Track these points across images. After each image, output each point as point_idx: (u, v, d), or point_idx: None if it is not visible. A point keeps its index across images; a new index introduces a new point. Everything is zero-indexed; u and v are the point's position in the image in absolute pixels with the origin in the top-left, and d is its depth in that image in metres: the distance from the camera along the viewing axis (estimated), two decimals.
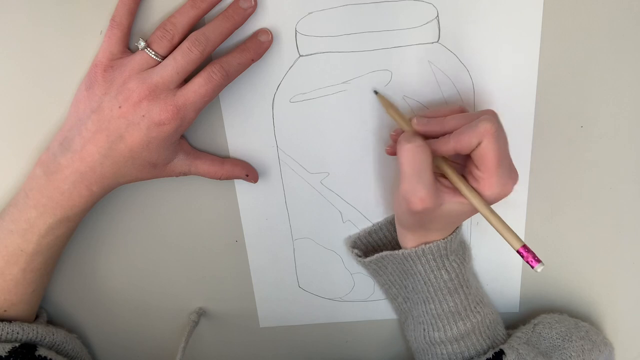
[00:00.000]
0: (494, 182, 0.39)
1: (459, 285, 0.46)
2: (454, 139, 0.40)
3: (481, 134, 0.38)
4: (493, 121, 0.38)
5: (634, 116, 0.46)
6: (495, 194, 0.40)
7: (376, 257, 0.48)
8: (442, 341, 0.47)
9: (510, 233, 0.40)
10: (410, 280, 0.48)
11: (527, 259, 0.39)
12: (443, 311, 0.46)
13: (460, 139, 0.39)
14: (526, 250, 0.39)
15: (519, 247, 0.39)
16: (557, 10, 0.42)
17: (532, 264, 0.39)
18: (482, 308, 0.47)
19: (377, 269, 0.50)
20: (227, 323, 0.56)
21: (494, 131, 0.38)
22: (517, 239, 0.40)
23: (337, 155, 0.48)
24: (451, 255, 0.46)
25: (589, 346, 0.48)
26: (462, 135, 0.39)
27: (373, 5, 0.42)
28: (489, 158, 0.39)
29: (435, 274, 0.46)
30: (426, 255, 0.45)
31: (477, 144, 0.39)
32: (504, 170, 0.40)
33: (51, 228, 0.45)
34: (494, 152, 0.38)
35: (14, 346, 0.45)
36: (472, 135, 0.39)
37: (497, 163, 0.39)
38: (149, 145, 0.42)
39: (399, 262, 0.47)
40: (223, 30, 0.41)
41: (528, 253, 0.39)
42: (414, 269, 0.47)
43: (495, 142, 0.38)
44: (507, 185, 0.40)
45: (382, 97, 0.44)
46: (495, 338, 0.48)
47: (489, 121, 0.38)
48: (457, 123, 0.41)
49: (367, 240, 0.51)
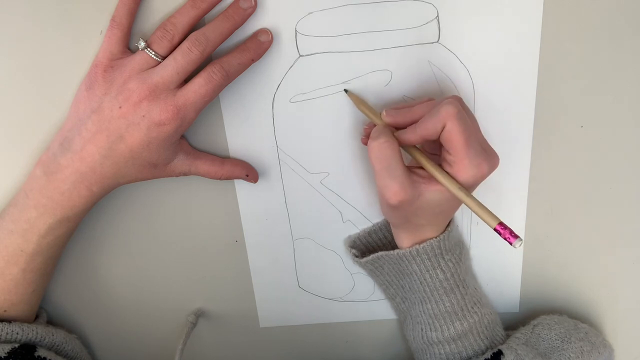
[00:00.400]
0: (466, 163, 0.40)
1: (455, 285, 0.46)
2: (419, 126, 0.40)
3: (443, 117, 0.39)
4: (454, 104, 0.39)
5: (634, 116, 0.46)
6: (470, 176, 0.40)
7: (372, 258, 0.48)
8: (440, 341, 0.47)
9: (486, 212, 0.40)
10: (406, 280, 0.48)
11: (504, 236, 0.39)
12: (440, 311, 0.46)
13: (426, 126, 0.40)
14: (503, 227, 0.39)
15: (495, 225, 0.39)
16: (557, 10, 0.42)
17: (510, 240, 0.39)
18: (479, 308, 0.47)
19: (374, 269, 0.50)
20: (227, 323, 0.56)
21: (455, 113, 0.39)
22: (493, 217, 0.40)
23: (337, 155, 0.48)
24: (446, 254, 0.46)
25: (588, 348, 0.48)
26: (426, 121, 0.40)
27: (373, 5, 0.42)
28: (454, 139, 0.39)
29: (430, 273, 0.46)
30: (421, 255, 0.45)
31: (441, 128, 0.39)
32: (474, 151, 0.40)
33: (51, 228, 0.45)
34: (459, 132, 0.39)
35: (13, 347, 0.45)
36: (435, 120, 0.39)
37: (465, 144, 0.39)
38: (149, 145, 0.42)
39: (395, 262, 0.47)
40: (223, 31, 0.41)
41: (505, 230, 0.39)
42: (409, 269, 0.47)
43: (457, 123, 0.39)
44: (481, 166, 0.40)
45: (351, 94, 0.45)
46: (493, 338, 0.48)
47: (449, 104, 0.39)
48: (424, 111, 0.41)
49: (366, 240, 0.51)
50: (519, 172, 0.48)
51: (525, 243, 0.51)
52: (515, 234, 0.39)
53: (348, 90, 0.45)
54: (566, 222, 0.50)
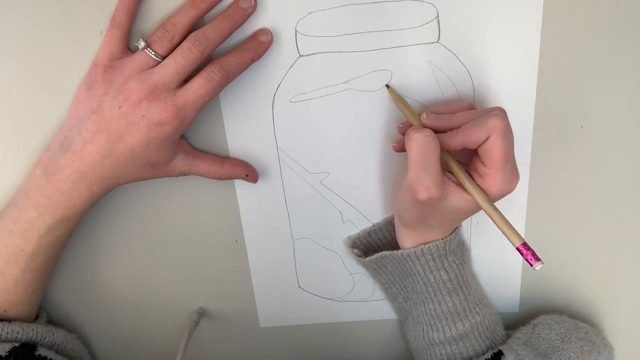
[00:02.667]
0: (500, 178, 0.40)
1: (458, 285, 0.46)
2: (462, 133, 0.40)
3: (490, 129, 0.39)
4: (502, 117, 0.39)
5: (634, 116, 0.46)
6: (499, 190, 0.40)
7: (376, 257, 0.48)
8: (441, 342, 0.47)
9: (512, 230, 0.40)
10: (409, 280, 0.48)
11: (526, 257, 0.39)
12: (442, 312, 0.46)
13: (469, 133, 0.40)
14: (526, 248, 0.40)
15: (519, 245, 0.40)
16: (557, 10, 0.42)
17: (531, 262, 0.39)
18: (481, 309, 0.47)
19: (377, 268, 0.50)
20: (227, 323, 0.56)
21: (502, 127, 0.39)
22: (518, 236, 0.40)
23: (337, 155, 0.48)
24: (450, 255, 0.46)
25: (588, 347, 0.48)
26: (470, 129, 0.40)
27: (373, 5, 0.42)
28: (495, 153, 0.39)
29: (434, 274, 0.46)
30: (425, 256, 0.45)
31: (484, 139, 0.39)
32: (509, 167, 0.40)
33: (51, 228, 0.45)
34: (502, 147, 0.39)
35: (13, 346, 0.45)
36: (480, 130, 0.39)
37: (504, 159, 0.39)
38: (149, 145, 0.42)
39: (398, 262, 0.47)
40: (223, 31, 0.41)
41: (528, 251, 0.40)
42: (413, 269, 0.47)
43: (503, 137, 0.39)
44: (512, 182, 0.40)
45: (393, 91, 0.45)
46: (494, 339, 0.48)
47: (498, 117, 0.39)
48: (466, 119, 0.41)
49: (366, 240, 0.51)
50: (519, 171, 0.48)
51: None
52: (537, 257, 0.39)
53: (390, 85, 0.45)
54: (566, 222, 0.50)
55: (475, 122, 0.40)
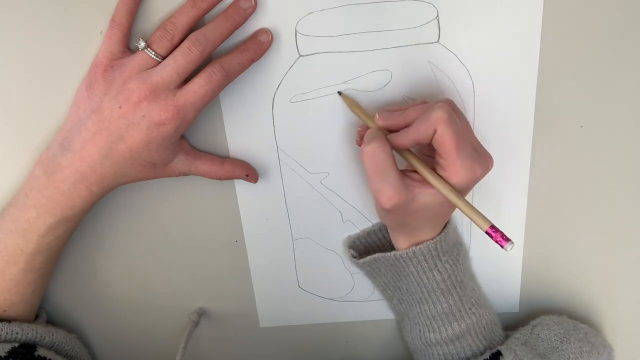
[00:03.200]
0: (458, 167, 0.40)
1: (452, 286, 0.46)
2: (411, 130, 0.40)
3: (434, 121, 0.39)
4: (445, 108, 0.39)
5: (634, 116, 0.46)
6: (462, 179, 0.40)
7: (369, 259, 0.48)
8: (438, 342, 0.47)
9: (478, 215, 0.40)
10: (403, 282, 0.48)
11: (496, 239, 0.39)
12: (437, 312, 0.46)
13: (418, 130, 0.40)
14: (494, 230, 0.39)
15: (487, 228, 0.40)
16: (557, 10, 0.42)
17: (501, 243, 0.39)
18: (477, 309, 0.47)
19: (371, 270, 0.50)
20: (227, 323, 0.56)
21: (445, 117, 0.39)
22: (485, 219, 0.40)
23: (337, 155, 0.48)
24: (443, 256, 0.46)
25: (587, 348, 0.48)
26: (418, 125, 0.40)
27: (373, 5, 0.42)
28: (446, 144, 0.39)
29: (427, 275, 0.46)
30: (417, 257, 0.45)
31: (433, 133, 0.39)
32: (465, 154, 0.40)
33: (51, 228, 0.45)
34: (450, 137, 0.39)
35: (13, 346, 0.45)
36: (426, 124, 0.39)
37: (456, 148, 0.39)
38: (149, 145, 0.42)
39: (391, 264, 0.47)
40: (223, 31, 0.41)
41: (496, 232, 0.39)
42: (406, 270, 0.47)
43: (448, 127, 0.39)
44: (474, 169, 0.40)
45: (345, 96, 0.45)
46: (492, 339, 0.48)
47: (440, 108, 0.39)
48: (417, 114, 0.41)
49: (365, 241, 0.51)
50: (519, 172, 0.48)
51: (525, 243, 0.51)
52: (507, 237, 0.39)
53: (342, 92, 0.45)
54: (566, 222, 0.50)
55: (421, 118, 0.40)
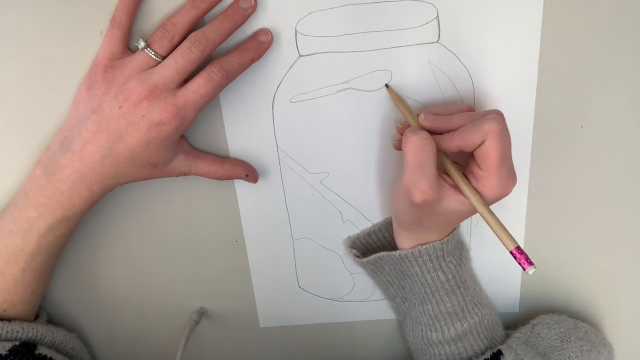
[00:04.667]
0: (495, 181, 0.40)
1: (456, 286, 0.46)
2: (458, 135, 0.40)
3: (486, 132, 0.38)
4: (499, 121, 0.39)
5: (634, 116, 0.46)
6: (495, 193, 0.40)
7: (373, 258, 0.48)
8: (440, 342, 0.47)
9: (506, 233, 0.40)
10: (407, 281, 0.48)
11: (519, 261, 0.40)
12: (440, 312, 0.46)
13: (465, 137, 0.39)
14: (519, 252, 0.40)
15: (512, 248, 0.40)
16: (557, 10, 0.42)
17: (524, 266, 0.39)
18: (479, 309, 0.47)
19: (375, 269, 0.50)
20: (227, 323, 0.56)
21: (498, 130, 0.38)
22: (512, 239, 0.40)
23: (337, 155, 0.48)
24: (448, 256, 0.46)
25: (587, 347, 0.48)
26: (466, 132, 0.39)
27: (373, 5, 0.42)
28: (491, 157, 0.39)
29: (432, 275, 0.46)
30: (423, 257, 0.45)
31: (480, 142, 0.39)
32: (505, 170, 0.40)
33: (51, 228, 0.45)
34: (497, 151, 0.39)
35: (14, 345, 0.45)
36: (476, 133, 0.39)
37: (500, 162, 0.39)
38: (149, 145, 0.42)
39: (396, 263, 0.47)
40: (223, 31, 0.41)
41: (521, 255, 0.40)
42: (410, 270, 0.47)
43: (499, 141, 0.38)
44: (507, 186, 0.40)
45: (392, 91, 0.45)
46: (493, 339, 0.48)
47: (494, 120, 0.39)
48: (463, 121, 0.41)
49: (365, 241, 0.51)
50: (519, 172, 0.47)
51: (525, 243, 0.51)
52: (531, 261, 0.39)
53: (389, 85, 0.44)
54: (566, 222, 0.50)
55: (472, 125, 0.39)
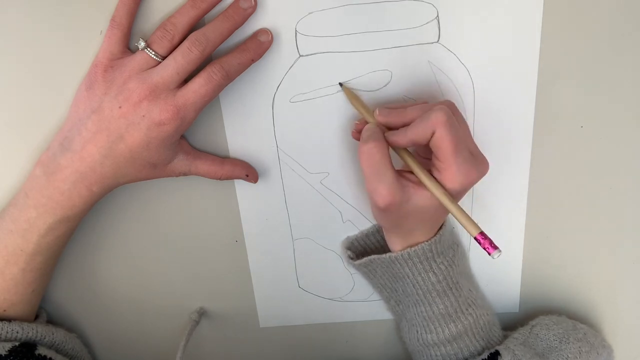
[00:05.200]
0: (454, 170, 0.40)
1: (448, 287, 0.46)
2: (409, 130, 0.40)
3: (433, 123, 0.39)
4: (444, 110, 0.39)
5: (634, 116, 0.46)
6: (457, 183, 0.40)
7: (365, 261, 0.48)
8: (435, 343, 0.47)
9: (468, 220, 0.40)
10: (399, 284, 0.48)
11: (484, 246, 0.40)
12: (434, 313, 0.46)
13: (415, 130, 0.40)
14: (483, 237, 0.40)
15: (476, 234, 0.40)
16: (557, 10, 0.42)
17: (488, 250, 0.40)
18: (474, 310, 0.47)
19: (368, 272, 0.50)
20: (227, 323, 0.56)
21: (444, 120, 0.38)
22: (475, 225, 0.40)
23: (337, 155, 0.48)
24: (438, 257, 0.46)
25: (586, 348, 0.48)
26: (416, 126, 0.40)
27: (373, 5, 0.42)
28: (443, 147, 0.39)
29: (422, 276, 0.46)
30: (412, 259, 0.45)
31: (431, 134, 0.39)
32: (462, 158, 0.40)
33: (51, 228, 0.45)
34: (448, 141, 0.39)
35: (13, 345, 0.45)
36: (424, 125, 0.39)
37: (453, 151, 0.39)
38: (149, 145, 0.42)
39: (387, 266, 0.47)
40: (223, 31, 0.41)
41: (485, 240, 0.40)
42: (401, 272, 0.47)
43: (447, 130, 0.39)
44: (469, 174, 0.40)
45: (346, 88, 0.45)
46: (490, 339, 0.48)
47: (440, 110, 0.39)
48: (416, 114, 0.41)
49: (364, 242, 0.51)
50: (519, 172, 0.48)
51: (525, 243, 0.51)
52: (495, 245, 0.39)
53: (343, 84, 0.45)
54: (566, 223, 0.50)
55: (420, 119, 0.40)
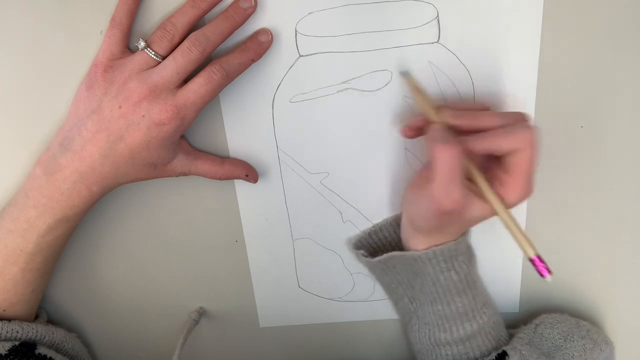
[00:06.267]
0: (521, 188, 0.39)
1: (467, 286, 0.46)
2: (490, 139, 0.39)
3: (521, 141, 0.38)
4: (533, 130, 0.38)
5: (634, 116, 0.46)
6: (519, 199, 0.40)
7: (385, 257, 0.47)
8: (448, 342, 0.47)
9: (527, 241, 0.40)
10: (418, 281, 0.48)
11: (539, 268, 0.39)
12: (451, 312, 0.46)
13: (497, 142, 0.39)
14: (540, 260, 0.39)
15: (532, 255, 0.39)
16: (557, 10, 0.42)
17: (543, 273, 0.39)
18: (487, 309, 0.47)
19: (385, 269, 0.49)
20: (227, 323, 0.56)
21: (534, 141, 0.38)
22: (533, 247, 0.40)
23: (337, 155, 0.48)
24: (460, 256, 0.45)
25: (590, 345, 0.48)
26: (500, 137, 0.39)
27: (373, 5, 0.42)
28: (523, 167, 0.39)
29: (444, 275, 0.45)
30: (437, 257, 0.45)
31: (513, 150, 0.38)
32: (532, 178, 0.40)
33: (51, 228, 0.45)
34: (530, 162, 0.38)
35: (13, 344, 0.45)
36: (511, 140, 0.38)
37: (530, 172, 0.39)
38: (148, 145, 0.42)
39: (408, 263, 0.47)
40: (223, 31, 0.41)
41: (542, 263, 0.39)
42: (423, 270, 0.46)
43: (533, 151, 0.38)
44: (531, 191, 0.40)
45: (411, 79, 0.43)
46: (499, 339, 0.48)
47: (529, 130, 0.38)
48: (491, 121, 0.40)
49: (367, 241, 0.51)
50: None
51: None
52: (549, 269, 0.39)
53: (408, 73, 0.43)
54: (566, 222, 0.50)
55: (506, 131, 0.39)
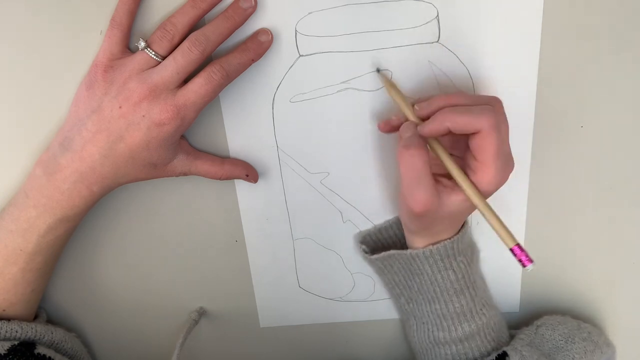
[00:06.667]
0: (492, 172, 0.39)
1: (465, 286, 0.46)
2: (450, 115, 0.38)
3: (481, 122, 0.38)
4: (497, 112, 0.38)
5: (634, 116, 0.46)
6: (493, 185, 0.40)
7: (383, 255, 0.48)
8: (447, 341, 0.47)
9: (506, 231, 0.40)
10: (416, 281, 0.48)
11: (519, 257, 0.40)
12: (449, 312, 0.46)
13: (457, 119, 0.38)
14: (520, 249, 0.40)
15: (512, 246, 0.40)
16: (557, 10, 0.42)
17: (525, 262, 0.39)
18: (488, 310, 0.47)
19: (383, 267, 0.50)
20: (227, 323, 0.56)
21: (494, 123, 0.38)
22: (512, 237, 0.40)
23: (337, 155, 0.48)
24: (459, 255, 0.46)
25: (591, 347, 0.48)
26: (461, 115, 0.38)
27: (373, 5, 0.42)
28: (487, 149, 0.38)
29: (442, 274, 0.45)
30: (434, 256, 0.45)
31: (473, 131, 0.38)
32: (501, 161, 0.39)
33: (51, 228, 0.45)
34: (493, 144, 0.38)
35: (13, 344, 0.45)
36: (472, 120, 0.38)
37: (496, 154, 0.39)
38: (149, 145, 0.42)
39: (405, 262, 0.47)
40: (223, 31, 0.41)
41: (522, 252, 0.40)
42: (421, 269, 0.46)
43: (495, 134, 0.38)
44: (505, 175, 0.40)
45: (385, 77, 0.44)
46: (499, 340, 0.48)
47: (490, 111, 0.38)
48: (458, 100, 0.40)
49: (376, 237, 0.51)
50: (519, 172, 0.48)
51: (525, 243, 0.51)
52: (530, 258, 0.39)
53: (381, 70, 0.44)
54: (566, 223, 0.50)
55: (467, 110, 0.38)
